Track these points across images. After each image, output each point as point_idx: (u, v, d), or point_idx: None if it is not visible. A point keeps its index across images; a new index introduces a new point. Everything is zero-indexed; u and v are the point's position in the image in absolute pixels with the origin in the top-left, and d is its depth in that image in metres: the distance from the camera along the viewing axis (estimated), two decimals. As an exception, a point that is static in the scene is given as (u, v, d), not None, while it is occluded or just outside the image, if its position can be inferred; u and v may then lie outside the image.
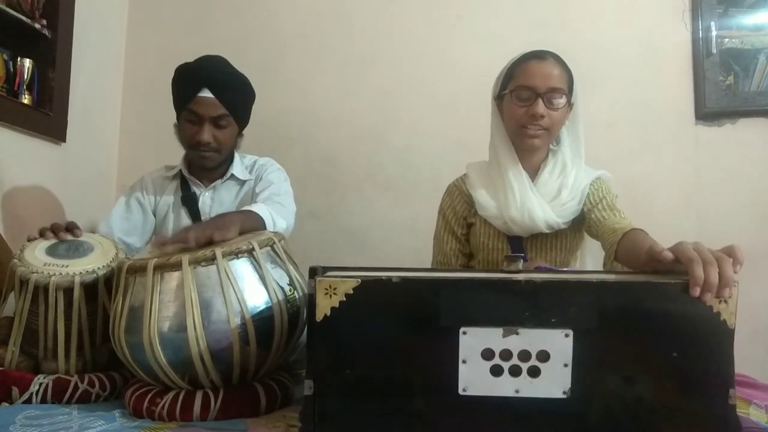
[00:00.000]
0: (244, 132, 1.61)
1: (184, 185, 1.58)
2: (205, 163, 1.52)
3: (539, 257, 1.36)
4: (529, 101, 1.27)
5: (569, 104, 1.32)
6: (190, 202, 1.55)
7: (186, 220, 1.56)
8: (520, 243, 1.36)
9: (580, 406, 0.77)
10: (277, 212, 1.37)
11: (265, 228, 1.27)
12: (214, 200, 1.56)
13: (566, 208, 1.32)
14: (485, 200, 1.37)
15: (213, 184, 1.57)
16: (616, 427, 0.77)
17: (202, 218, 1.54)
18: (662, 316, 0.77)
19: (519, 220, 1.31)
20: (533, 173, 1.36)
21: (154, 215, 1.61)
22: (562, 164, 1.36)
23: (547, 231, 1.32)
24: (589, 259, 1.44)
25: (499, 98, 1.37)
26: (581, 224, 1.36)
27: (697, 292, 0.75)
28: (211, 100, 1.44)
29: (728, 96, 1.94)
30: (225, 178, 1.57)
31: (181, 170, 1.59)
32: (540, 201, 1.31)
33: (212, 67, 1.46)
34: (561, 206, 1.32)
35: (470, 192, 1.41)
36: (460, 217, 1.44)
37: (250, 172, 1.60)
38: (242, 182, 1.58)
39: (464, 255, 1.45)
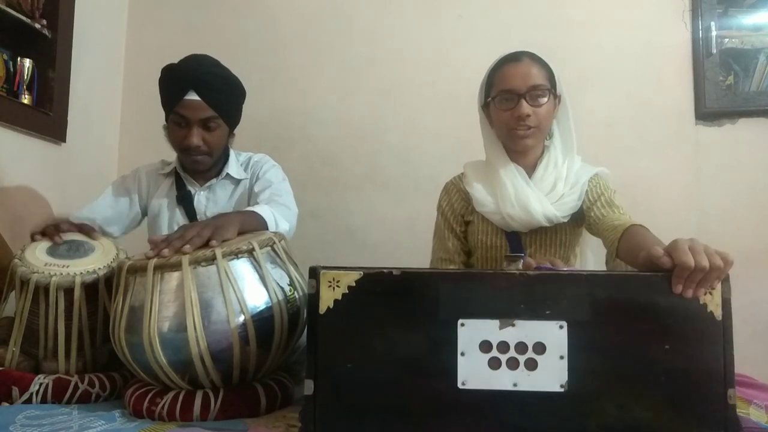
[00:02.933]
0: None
1: (179, 184, 1.56)
2: (196, 166, 1.50)
3: (539, 254, 1.36)
4: (512, 103, 1.29)
5: (555, 98, 1.33)
6: (185, 201, 1.53)
7: (181, 219, 1.54)
8: (518, 239, 1.36)
9: (577, 400, 0.78)
10: (281, 214, 1.35)
11: (267, 229, 1.25)
12: (209, 200, 1.54)
13: (565, 202, 1.32)
14: (482, 196, 1.37)
15: (208, 184, 1.55)
16: (614, 422, 0.78)
17: (198, 218, 1.52)
18: (651, 307, 0.79)
19: (516, 215, 1.31)
20: (530, 170, 1.37)
21: (146, 211, 1.59)
22: (555, 158, 1.37)
23: (547, 224, 1.32)
24: (590, 255, 1.44)
25: (485, 107, 1.39)
26: (580, 220, 1.36)
27: (678, 289, 0.79)
28: (198, 102, 1.40)
29: (728, 96, 1.94)
30: (220, 177, 1.55)
31: (175, 168, 1.57)
32: (537, 194, 1.32)
33: (198, 68, 1.42)
34: (558, 199, 1.32)
35: (467, 189, 1.42)
36: (458, 215, 1.44)
37: (245, 170, 1.58)
38: (237, 181, 1.56)
39: (464, 252, 1.46)
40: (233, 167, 1.56)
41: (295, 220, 1.45)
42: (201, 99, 1.40)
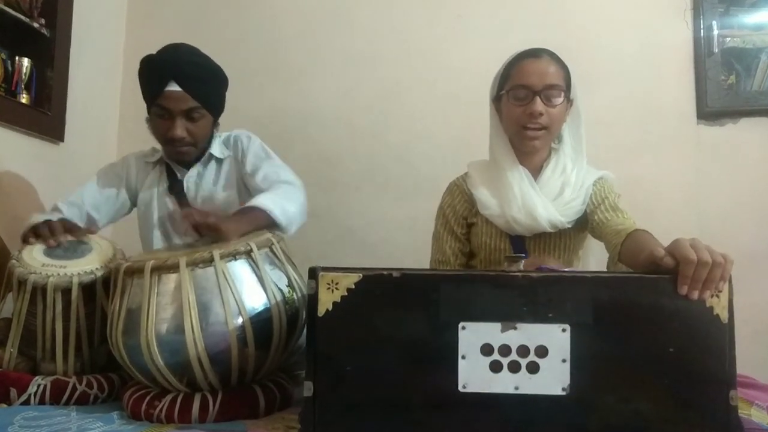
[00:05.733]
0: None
1: (169, 172, 1.54)
2: (182, 157, 1.48)
3: (542, 257, 1.35)
4: (526, 100, 1.27)
5: (568, 101, 1.31)
6: (176, 190, 1.51)
7: (172, 209, 1.51)
8: (522, 243, 1.35)
9: (579, 403, 0.77)
10: (285, 195, 1.31)
11: (272, 220, 1.22)
12: (198, 185, 1.52)
13: (570, 207, 1.31)
14: (487, 199, 1.36)
15: (194, 167, 1.52)
16: (616, 425, 0.77)
17: (190, 204, 1.50)
18: (656, 310, 0.79)
19: (521, 220, 1.30)
20: (535, 172, 1.35)
21: (133, 200, 1.57)
22: (563, 163, 1.35)
23: (551, 230, 1.31)
24: (593, 259, 1.43)
25: (496, 100, 1.36)
26: (584, 224, 1.35)
27: (684, 290, 0.78)
28: (180, 93, 1.37)
29: (730, 95, 1.93)
30: (204, 158, 1.52)
31: (162, 157, 1.55)
32: (542, 200, 1.30)
33: (178, 59, 1.38)
34: (564, 205, 1.31)
35: (471, 191, 1.40)
36: (460, 217, 1.43)
37: (227, 147, 1.55)
38: (221, 160, 1.54)
39: (464, 254, 1.44)
40: (216, 148, 1.53)
41: (301, 194, 1.40)
42: (182, 90, 1.37)
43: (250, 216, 1.20)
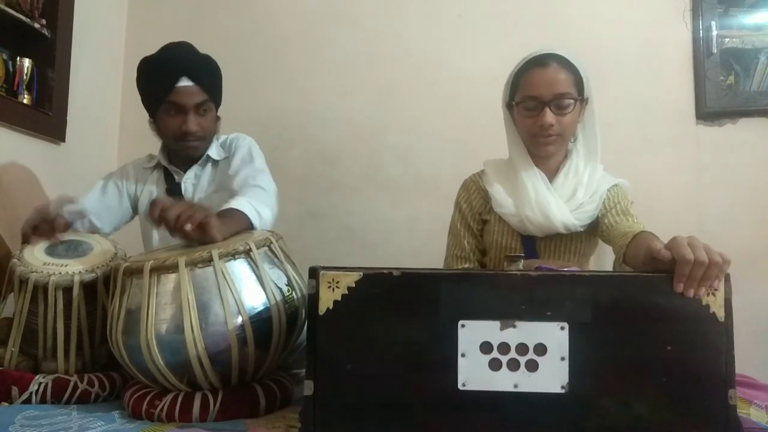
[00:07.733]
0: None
1: (168, 177, 1.55)
2: (192, 153, 1.49)
3: (552, 259, 1.35)
4: (536, 111, 1.26)
5: (581, 102, 1.30)
6: (174, 193, 1.52)
7: None
8: (533, 244, 1.35)
9: (578, 401, 0.78)
10: (259, 199, 1.32)
11: (250, 223, 1.23)
12: (195, 186, 1.53)
13: (584, 211, 1.30)
14: (502, 197, 1.35)
15: (192, 169, 1.53)
16: (615, 423, 0.78)
17: None
18: (653, 308, 0.79)
19: (535, 219, 1.30)
20: (551, 175, 1.35)
21: (135, 207, 1.58)
22: (576, 163, 1.35)
23: (564, 231, 1.31)
24: (606, 266, 1.43)
25: (509, 106, 1.36)
26: (596, 229, 1.34)
27: (680, 287, 0.79)
28: (192, 88, 1.40)
29: (729, 96, 1.94)
30: (201, 160, 1.53)
31: (160, 161, 1.56)
32: (557, 201, 1.30)
33: (185, 55, 1.42)
34: (578, 206, 1.30)
35: (487, 188, 1.40)
36: (476, 213, 1.42)
37: (224, 150, 1.56)
38: (217, 162, 1.54)
39: (479, 251, 1.44)
40: (213, 149, 1.54)
41: (274, 200, 1.40)
42: (194, 84, 1.40)
43: (232, 217, 1.21)
